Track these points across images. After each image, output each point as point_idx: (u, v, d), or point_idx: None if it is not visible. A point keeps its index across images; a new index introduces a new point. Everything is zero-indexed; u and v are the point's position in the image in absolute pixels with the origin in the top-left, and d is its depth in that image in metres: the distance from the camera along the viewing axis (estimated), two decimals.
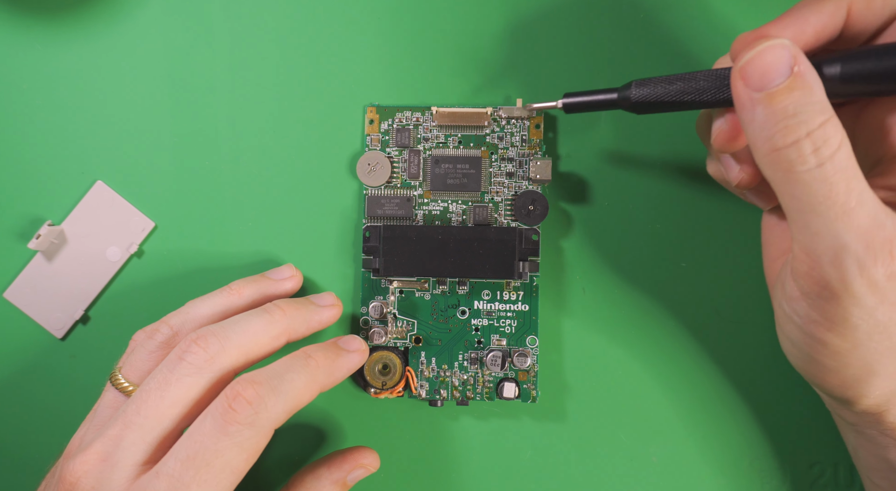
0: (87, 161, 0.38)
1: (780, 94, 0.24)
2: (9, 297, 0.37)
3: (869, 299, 0.25)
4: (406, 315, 0.37)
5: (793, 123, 0.24)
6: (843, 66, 0.26)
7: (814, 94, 0.24)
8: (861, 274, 0.25)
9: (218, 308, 0.33)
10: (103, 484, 0.28)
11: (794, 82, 0.24)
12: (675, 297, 0.37)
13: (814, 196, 0.25)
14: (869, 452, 0.31)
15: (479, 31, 0.37)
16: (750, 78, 0.25)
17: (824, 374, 0.28)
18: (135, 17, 0.37)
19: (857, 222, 0.24)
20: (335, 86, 0.37)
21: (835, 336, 0.26)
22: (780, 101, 0.24)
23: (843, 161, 0.24)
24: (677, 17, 0.37)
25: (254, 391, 0.28)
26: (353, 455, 0.35)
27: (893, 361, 0.27)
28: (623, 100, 0.30)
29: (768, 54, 0.24)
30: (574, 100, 0.31)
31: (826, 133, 0.24)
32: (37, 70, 0.38)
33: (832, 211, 0.24)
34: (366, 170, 0.37)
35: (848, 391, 0.28)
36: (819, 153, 0.24)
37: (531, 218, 0.36)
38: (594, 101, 0.31)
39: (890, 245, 0.25)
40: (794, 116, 0.24)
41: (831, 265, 0.25)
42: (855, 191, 0.24)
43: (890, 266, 0.25)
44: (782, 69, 0.24)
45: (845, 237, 0.25)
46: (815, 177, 0.24)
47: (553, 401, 0.37)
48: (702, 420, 0.37)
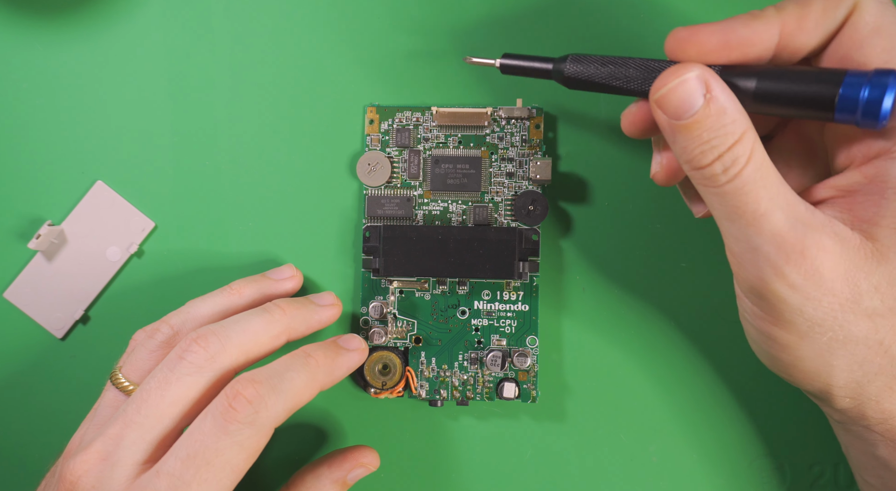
0: (87, 161, 0.38)
1: (695, 123, 0.26)
2: (9, 297, 0.37)
3: (793, 298, 0.26)
4: (406, 315, 0.37)
5: (706, 149, 0.26)
6: (758, 83, 0.27)
7: (726, 116, 0.26)
8: (776, 275, 0.26)
9: (218, 308, 0.33)
10: (103, 483, 0.28)
11: (706, 110, 0.26)
12: (675, 297, 0.37)
13: (727, 207, 0.27)
14: (859, 450, 0.31)
15: (479, 31, 0.37)
16: (667, 109, 0.26)
17: (787, 368, 0.29)
18: (135, 17, 0.37)
19: (767, 227, 0.26)
20: (335, 86, 0.37)
21: (780, 330, 0.28)
22: (695, 130, 0.26)
23: (751, 174, 0.26)
24: (680, 15, 0.37)
25: (254, 390, 0.28)
26: (354, 454, 0.35)
27: (845, 354, 0.27)
28: (557, 72, 0.30)
29: (681, 88, 0.26)
30: (511, 62, 0.31)
31: (735, 153, 0.26)
32: (37, 70, 0.38)
33: (743, 218, 0.26)
34: (366, 170, 0.37)
35: (814, 384, 0.28)
36: (728, 172, 0.26)
37: (531, 218, 0.36)
38: (530, 67, 0.31)
39: (801, 246, 0.26)
40: (707, 142, 0.26)
41: (752, 266, 0.27)
42: (764, 199, 0.26)
43: (802, 266, 0.26)
44: (695, 100, 0.26)
45: (757, 241, 0.26)
46: (726, 191, 0.26)
47: (553, 401, 0.37)
48: (702, 420, 0.37)
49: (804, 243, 0.26)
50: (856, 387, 0.28)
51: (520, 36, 0.37)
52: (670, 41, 0.28)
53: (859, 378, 0.28)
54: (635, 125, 0.30)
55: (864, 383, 0.28)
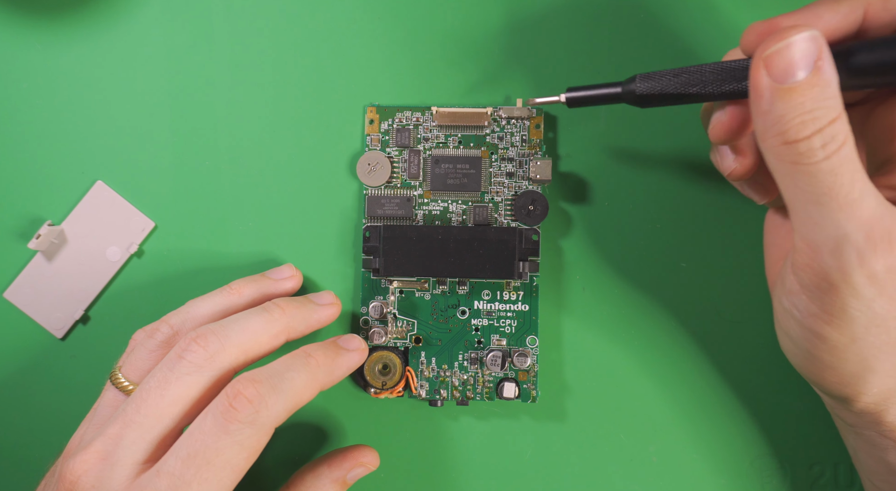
0: (87, 161, 0.38)
1: (801, 89, 0.24)
2: (9, 297, 0.37)
3: (867, 290, 0.25)
4: (406, 315, 0.37)
5: (808, 119, 0.24)
6: (857, 57, 0.26)
7: (830, 90, 0.24)
8: (861, 264, 0.25)
9: (218, 307, 0.33)
10: (103, 483, 0.28)
11: (814, 78, 0.24)
12: (676, 297, 0.37)
13: (818, 187, 0.25)
14: (868, 455, 0.31)
15: (479, 31, 0.37)
16: (774, 69, 0.25)
17: (822, 370, 0.28)
18: (135, 17, 0.37)
19: (859, 213, 0.25)
20: (335, 86, 0.37)
21: (833, 329, 0.27)
22: (799, 97, 0.24)
23: (848, 155, 0.24)
24: (678, 15, 0.37)
25: (254, 390, 0.28)
26: (353, 453, 0.35)
27: (890, 358, 0.27)
28: (627, 93, 0.30)
29: (796, 47, 0.24)
30: (578, 94, 0.31)
31: (835, 129, 0.24)
32: (37, 70, 0.38)
33: (835, 201, 0.25)
34: (366, 170, 0.37)
35: (846, 388, 0.28)
36: (827, 148, 0.24)
37: (531, 218, 0.36)
38: (598, 95, 0.31)
39: (889, 237, 0.25)
40: (809, 112, 0.24)
41: (831, 255, 0.25)
42: (858, 183, 0.25)
43: (889, 258, 0.25)
44: (807, 63, 0.24)
45: (847, 227, 0.25)
46: (821, 169, 0.25)
47: (553, 401, 0.37)
48: (702, 420, 0.37)
49: (893, 234, 0.25)
50: (886, 392, 0.27)
51: (521, 35, 0.37)
52: (749, 35, 0.27)
53: (893, 384, 0.27)
54: (731, 131, 0.29)
55: (894, 390, 0.27)
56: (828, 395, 0.30)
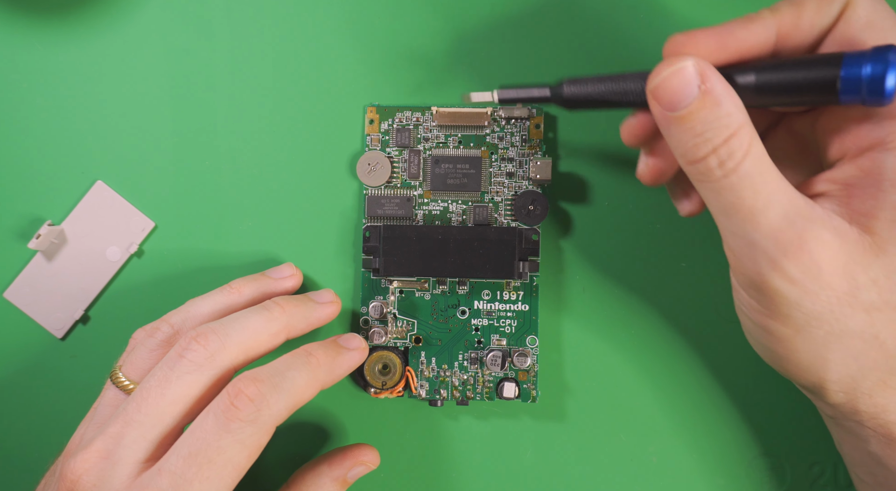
0: (87, 161, 0.38)
1: (690, 115, 0.26)
2: (9, 297, 0.37)
3: (790, 292, 0.26)
4: (406, 315, 0.37)
5: (700, 142, 0.26)
6: (757, 76, 0.27)
7: (721, 109, 0.26)
8: (774, 269, 0.26)
9: (218, 306, 0.33)
10: (104, 482, 0.28)
11: (701, 102, 0.26)
12: (675, 297, 0.37)
13: (724, 201, 0.26)
14: (851, 446, 0.31)
15: (479, 31, 0.37)
16: (662, 99, 0.26)
17: (781, 361, 0.29)
18: (135, 17, 0.38)
19: (765, 222, 0.26)
20: (335, 86, 0.37)
21: (776, 323, 0.28)
22: (689, 122, 0.26)
23: (747, 169, 0.26)
24: (680, 15, 0.37)
25: (256, 388, 0.28)
26: (354, 452, 0.35)
27: (840, 348, 0.27)
28: (556, 96, 0.31)
29: (676, 77, 0.26)
30: (508, 94, 0.32)
31: (731, 147, 0.26)
32: (37, 70, 0.38)
33: (740, 214, 0.26)
34: (366, 170, 0.37)
35: (809, 377, 0.28)
36: (724, 166, 0.26)
37: (531, 218, 0.36)
38: (527, 97, 0.32)
39: (799, 240, 0.26)
40: (700, 135, 0.26)
41: (749, 261, 0.27)
42: (762, 194, 0.26)
43: (801, 260, 0.26)
44: (690, 90, 0.26)
45: (754, 236, 0.26)
46: (722, 186, 0.26)
47: (553, 401, 0.37)
48: (702, 420, 0.37)
49: (802, 237, 0.26)
50: (850, 381, 0.28)
51: (521, 35, 0.37)
52: (668, 46, 0.28)
53: (854, 372, 0.28)
54: (634, 136, 0.31)
55: (858, 378, 0.28)
56: (800, 386, 0.30)
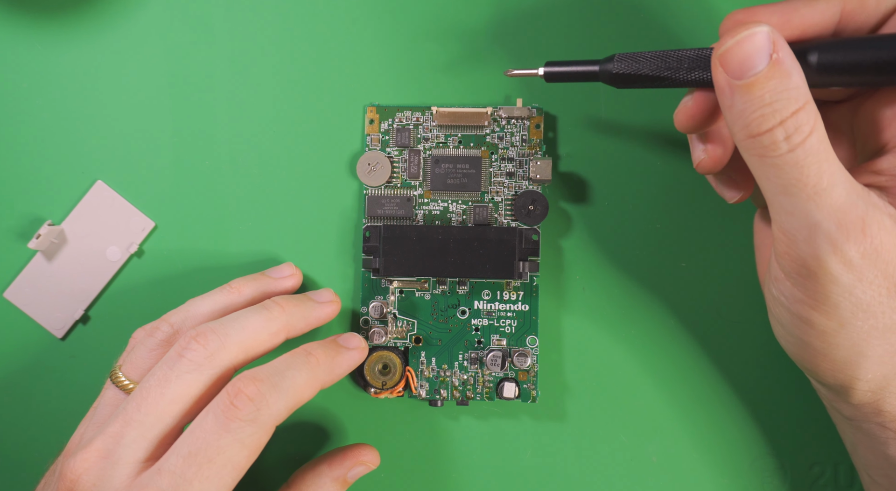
0: (87, 161, 0.38)
1: (758, 83, 0.25)
2: (9, 297, 0.37)
3: (845, 277, 0.25)
4: (406, 315, 0.37)
5: (768, 112, 0.25)
6: (820, 55, 0.26)
7: (791, 81, 0.24)
8: (834, 252, 0.25)
9: (218, 306, 0.33)
10: (104, 481, 0.28)
11: (771, 71, 0.24)
12: (675, 296, 0.37)
13: (786, 178, 0.25)
14: (868, 449, 0.31)
15: (479, 31, 0.37)
16: (729, 65, 0.25)
17: (815, 357, 0.28)
18: (135, 17, 0.38)
19: (829, 202, 0.25)
20: (335, 86, 0.37)
21: (820, 315, 0.27)
22: (757, 91, 0.25)
23: (814, 145, 0.25)
24: (680, 13, 0.37)
25: (255, 388, 0.28)
26: (354, 452, 0.35)
27: (881, 343, 0.27)
28: (604, 72, 0.30)
29: (748, 43, 0.25)
30: (555, 69, 0.31)
31: (798, 120, 0.25)
32: (37, 70, 0.38)
33: (804, 192, 0.25)
34: (366, 170, 0.37)
35: (840, 375, 0.28)
36: (791, 140, 0.25)
37: (531, 218, 0.36)
38: (575, 72, 0.31)
39: (862, 223, 0.25)
40: (769, 105, 0.25)
41: (806, 244, 0.26)
42: (826, 173, 0.25)
43: (862, 244, 0.25)
44: (761, 57, 0.25)
45: (816, 216, 0.25)
46: (786, 161, 0.25)
47: (553, 401, 0.37)
48: (702, 420, 0.37)
49: (865, 220, 0.25)
50: (881, 380, 0.27)
51: (522, 35, 0.37)
52: (727, 24, 0.27)
53: (887, 371, 0.27)
54: (691, 117, 0.29)
55: (890, 376, 0.27)
56: (825, 385, 0.30)
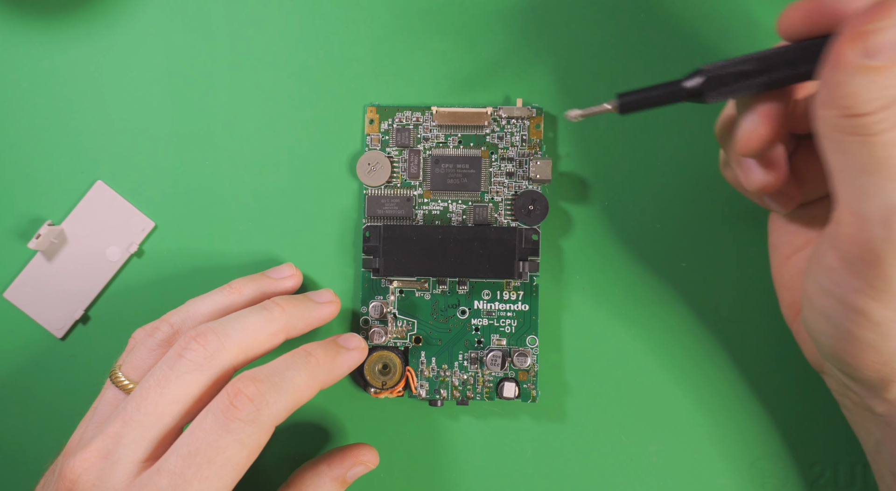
0: (87, 161, 0.38)
1: (885, 68, 0.24)
2: (9, 297, 0.37)
3: None
4: (406, 315, 0.37)
5: (879, 96, 0.25)
6: None
7: None
8: None
9: (218, 306, 0.33)
10: (104, 481, 0.28)
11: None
12: (676, 296, 0.37)
13: (873, 157, 0.25)
14: (895, 446, 0.30)
15: (479, 31, 0.37)
16: (870, 45, 0.25)
17: (863, 351, 0.27)
18: (135, 17, 0.38)
19: None
20: (335, 86, 0.37)
21: (878, 304, 0.26)
22: (880, 75, 0.24)
23: None
24: (680, 14, 0.37)
25: (255, 388, 0.28)
26: (353, 452, 0.35)
27: None
28: (692, 88, 0.28)
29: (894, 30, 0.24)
30: (631, 98, 0.28)
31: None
32: (37, 70, 0.38)
33: (888, 172, 0.25)
34: (366, 170, 0.37)
35: (886, 368, 0.27)
36: (889, 121, 0.25)
37: (531, 218, 0.36)
38: (654, 96, 0.28)
39: None
40: (884, 89, 0.25)
41: (881, 225, 0.25)
42: None
43: None
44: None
45: None
46: (879, 140, 0.25)
47: (553, 401, 0.37)
48: (702, 420, 0.37)
49: None
50: None
51: (522, 34, 0.37)
52: (792, 13, 0.27)
53: None
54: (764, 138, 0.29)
55: None
56: (861, 380, 0.29)
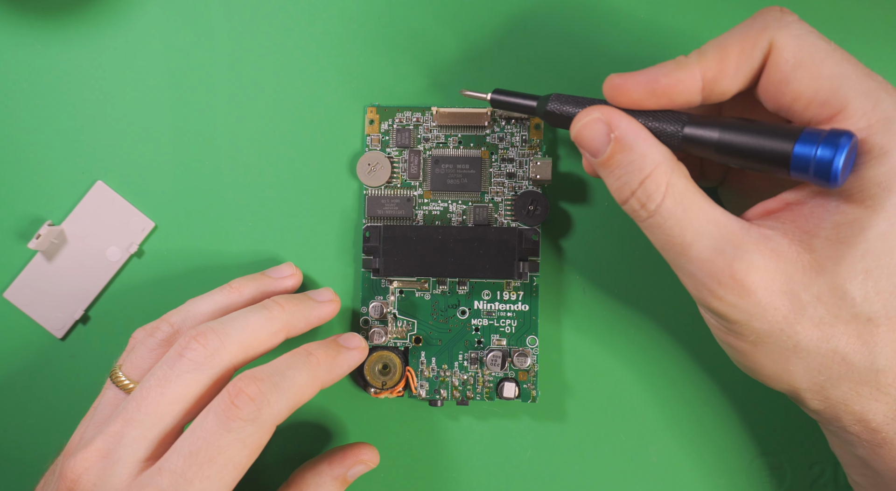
0: (87, 161, 0.38)
1: (607, 162, 0.28)
2: (9, 297, 0.37)
3: (736, 315, 0.27)
4: (406, 315, 0.37)
5: (620, 185, 0.28)
6: (721, 134, 0.27)
7: (633, 153, 0.27)
8: (714, 298, 0.27)
9: (218, 306, 0.33)
10: (104, 481, 0.28)
11: (614, 148, 0.27)
12: (675, 297, 0.37)
13: (657, 240, 0.28)
14: (842, 450, 0.31)
15: (479, 31, 0.37)
16: (585, 147, 0.28)
17: (752, 373, 0.29)
18: (135, 17, 0.38)
19: (695, 255, 0.27)
20: (335, 86, 0.38)
21: (734, 340, 0.28)
22: (610, 166, 0.28)
23: (669, 208, 0.27)
24: (681, 15, 0.37)
25: (256, 388, 0.28)
26: (353, 451, 0.35)
27: (800, 361, 0.27)
28: (540, 111, 0.32)
29: (586, 132, 0.28)
30: (501, 97, 0.33)
31: (647, 189, 0.27)
32: (37, 70, 0.38)
33: (673, 250, 0.27)
34: (366, 170, 0.37)
35: (782, 386, 0.29)
36: (646, 207, 0.27)
37: (531, 218, 0.36)
38: (515, 104, 0.33)
39: (730, 269, 0.26)
40: (619, 179, 0.27)
41: (693, 290, 0.28)
42: (689, 228, 0.27)
43: (734, 288, 0.26)
44: (602, 140, 0.28)
45: (689, 268, 0.27)
46: (650, 225, 0.28)
47: (553, 401, 0.37)
48: (702, 420, 0.37)
49: (732, 266, 0.26)
50: (821, 391, 0.28)
51: (522, 34, 0.37)
52: (606, 87, 0.29)
53: (822, 382, 0.28)
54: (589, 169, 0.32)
55: (828, 388, 0.28)
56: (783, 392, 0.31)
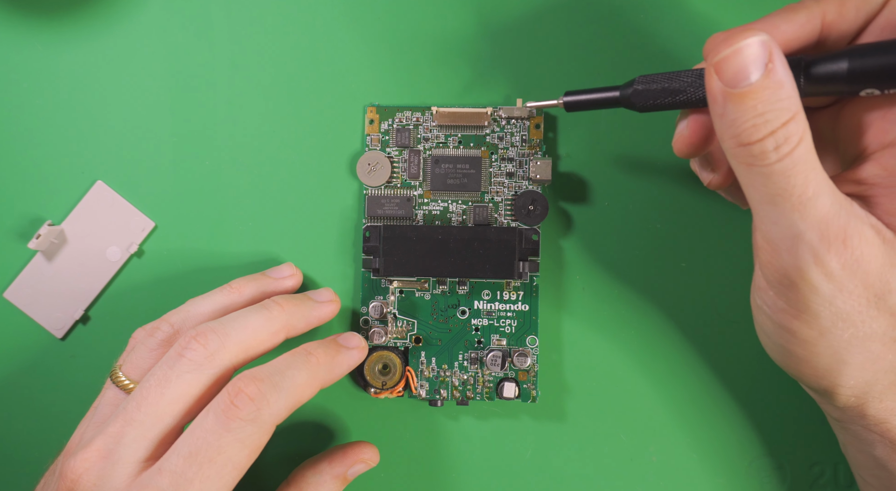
0: (87, 161, 0.38)
1: (751, 93, 0.25)
2: (9, 297, 0.37)
3: (825, 288, 0.26)
4: (406, 315, 0.37)
5: (759, 122, 0.25)
6: (850, 62, 0.26)
7: (783, 91, 0.25)
8: (815, 263, 0.25)
9: (218, 306, 0.33)
10: (104, 481, 0.28)
11: (765, 81, 0.25)
12: (675, 297, 0.37)
13: (773, 188, 0.25)
14: (856, 449, 0.31)
15: (479, 31, 0.37)
16: (725, 74, 0.25)
17: (798, 364, 0.28)
18: (135, 17, 0.38)
19: (813, 212, 0.25)
20: (335, 86, 0.38)
21: (801, 324, 0.27)
22: (750, 100, 0.25)
23: (802, 155, 0.25)
24: (679, 16, 0.37)
25: (256, 388, 0.28)
26: (354, 450, 0.35)
27: (861, 351, 0.27)
28: (625, 98, 0.30)
29: (746, 51, 0.25)
30: (575, 98, 0.31)
31: (788, 131, 0.25)
32: (37, 70, 0.38)
33: (789, 202, 0.25)
34: (366, 170, 0.37)
35: (823, 381, 0.28)
36: (780, 150, 0.25)
37: (531, 218, 0.36)
38: (596, 99, 0.31)
39: (844, 235, 0.25)
40: (761, 115, 0.25)
41: (788, 254, 0.26)
42: (812, 182, 0.25)
43: (843, 255, 0.25)
44: (757, 67, 0.25)
45: (800, 226, 0.25)
46: (775, 170, 0.25)
47: (553, 401, 0.37)
48: (702, 420, 0.37)
49: (847, 231, 0.25)
50: (863, 385, 0.28)
51: (522, 35, 0.37)
52: (709, 46, 0.27)
53: (869, 377, 0.27)
54: (691, 144, 0.30)
55: (872, 382, 0.27)
56: (810, 389, 0.30)
